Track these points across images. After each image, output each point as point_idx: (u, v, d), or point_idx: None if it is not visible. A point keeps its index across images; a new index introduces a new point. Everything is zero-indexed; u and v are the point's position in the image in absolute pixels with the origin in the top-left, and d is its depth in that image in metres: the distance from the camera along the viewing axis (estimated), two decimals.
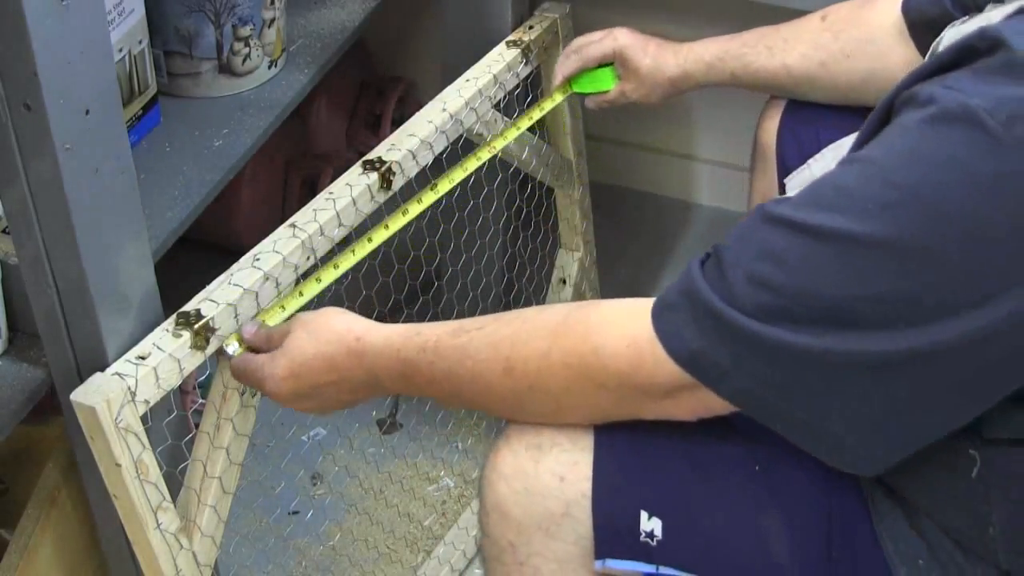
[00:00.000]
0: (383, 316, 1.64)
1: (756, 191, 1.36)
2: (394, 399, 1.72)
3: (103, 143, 0.91)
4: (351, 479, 1.61)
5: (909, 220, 0.74)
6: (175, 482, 1.06)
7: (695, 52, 1.33)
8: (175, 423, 1.07)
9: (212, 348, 1.02)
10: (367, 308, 1.33)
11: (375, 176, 1.16)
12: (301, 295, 1.08)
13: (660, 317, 0.84)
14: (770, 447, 0.88)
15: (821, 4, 1.29)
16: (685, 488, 0.93)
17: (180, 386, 1.02)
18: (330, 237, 1.12)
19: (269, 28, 1.34)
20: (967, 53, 0.77)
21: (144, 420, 0.97)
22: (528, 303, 1.68)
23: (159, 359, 0.97)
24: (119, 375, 0.95)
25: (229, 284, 1.03)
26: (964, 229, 0.73)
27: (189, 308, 1.01)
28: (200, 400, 1.37)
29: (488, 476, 0.97)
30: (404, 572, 1.51)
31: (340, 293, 1.28)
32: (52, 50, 0.83)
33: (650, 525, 0.92)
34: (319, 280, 1.10)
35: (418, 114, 1.26)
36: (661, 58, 1.35)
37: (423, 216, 1.43)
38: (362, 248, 1.14)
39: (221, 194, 1.24)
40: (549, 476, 0.93)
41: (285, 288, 1.08)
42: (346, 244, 1.18)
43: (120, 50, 1.17)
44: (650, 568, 0.93)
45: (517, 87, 1.40)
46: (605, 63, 1.40)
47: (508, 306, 1.67)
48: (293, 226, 1.10)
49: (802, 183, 1.12)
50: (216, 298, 1.02)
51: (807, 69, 1.25)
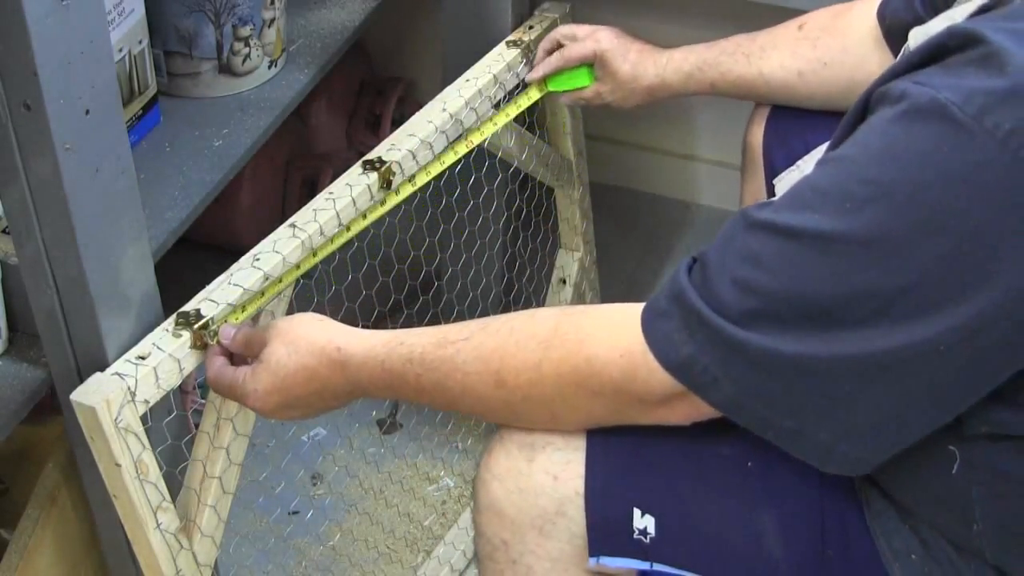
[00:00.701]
0: (383, 316, 1.64)
1: (747, 193, 1.36)
2: (393, 399, 1.72)
3: (103, 143, 0.91)
4: (351, 479, 1.61)
5: (885, 216, 0.74)
6: (175, 482, 1.06)
7: (675, 61, 1.33)
8: (175, 423, 1.07)
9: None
10: (367, 308, 1.34)
11: (375, 176, 1.16)
12: (263, 295, 1.06)
13: (651, 324, 0.84)
14: (763, 443, 0.89)
15: (820, 4, 1.29)
16: (678, 485, 0.94)
17: (180, 386, 1.02)
18: (330, 237, 1.12)
19: (269, 28, 1.34)
20: (938, 51, 0.77)
21: (144, 420, 0.97)
22: (528, 303, 1.68)
23: (159, 359, 0.97)
24: (119, 375, 0.95)
25: (229, 284, 1.03)
26: (939, 223, 0.73)
27: (189, 308, 1.01)
28: (200, 400, 1.37)
29: (482, 475, 0.97)
30: (404, 572, 1.51)
31: (340, 293, 1.28)
32: (52, 50, 0.83)
33: (643, 522, 0.93)
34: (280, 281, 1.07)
35: (418, 114, 1.26)
36: (641, 66, 1.34)
37: (423, 216, 1.43)
38: (328, 247, 1.12)
39: (221, 194, 1.24)
40: (542, 475, 0.94)
41: (285, 288, 1.08)
42: (346, 245, 1.18)
43: (120, 50, 1.17)
44: (644, 565, 0.94)
45: (517, 87, 1.40)
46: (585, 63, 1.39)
47: (508, 306, 1.67)
48: (293, 226, 1.10)
49: (790, 184, 1.12)
50: (216, 298, 1.02)
51: (785, 79, 1.26)
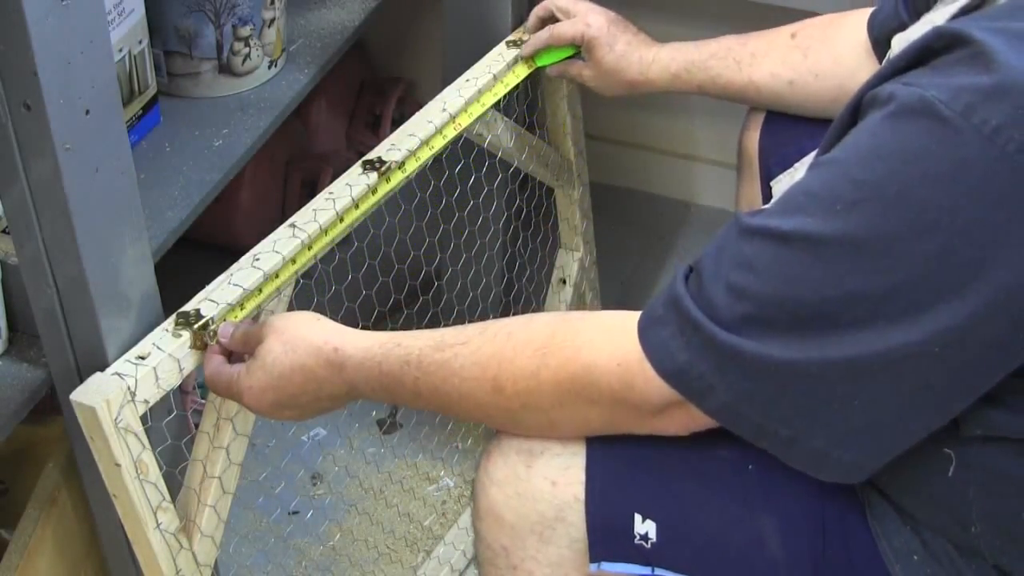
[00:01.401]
0: (383, 316, 1.64)
1: (743, 197, 1.36)
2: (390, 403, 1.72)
3: (103, 143, 0.91)
4: (351, 479, 1.61)
5: (875, 216, 0.74)
6: (175, 482, 1.06)
7: (661, 60, 1.31)
8: (175, 423, 1.07)
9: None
10: (367, 308, 1.34)
11: (375, 176, 1.16)
12: (260, 292, 1.06)
13: (647, 332, 0.84)
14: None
15: (819, 5, 1.29)
16: (678, 489, 0.93)
17: (180, 386, 1.02)
18: (330, 237, 1.12)
19: (269, 28, 1.34)
20: (925, 53, 0.77)
21: (144, 420, 0.97)
22: (528, 303, 1.68)
23: (159, 359, 0.97)
24: (119, 375, 0.95)
25: (229, 284, 1.03)
26: (929, 221, 0.73)
27: (189, 308, 1.01)
28: (200, 400, 1.37)
29: (480, 481, 0.97)
30: (404, 572, 1.51)
31: (340, 293, 1.29)
32: (52, 50, 0.83)
33: (644, 527, 0.92)
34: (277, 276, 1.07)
35: (418, 114, 1.26)
36: (625, 59, 1.32)
37: (423, 216, 1.43)
38: (323, 239, 1.11)
39: (221, 194, 1.24)
40: (541, 480, 0.93)
41: (285, 288, 1.08)
42: (346, 244, 1.18)
43: (120, 50, 1.17)
44: (646, 570, 0.93)
45: (517, 87, 1.40)
46: None
47: (508, 306, 1.67)
48: (293, 226, 1.10)
49: (785, 187, 1.12)
50: (216, 298, 1.02)
51: (775, 88, 1.25)
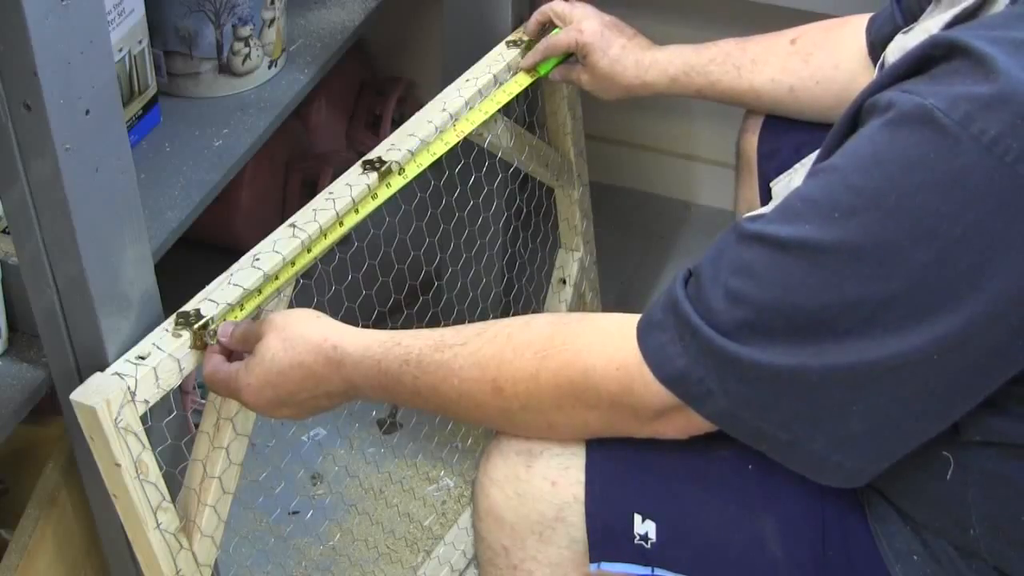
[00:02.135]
0: (383, 316, 1.64)
1: (741, 199, 1.36)
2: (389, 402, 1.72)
3: (103, 143, 0.91)
4: (351, 479, 1.61)
5: (873, 223, 0.74)
6: (175, 482, 1.06)
7: (659, 64, 1.30)
8: (175, 423, 1.07)
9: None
10: (367, 308, 1.33)
11: (375, 176, 1.16)
12: (260, 293, 1.05)
13: (646, 336, 0.85)
14: None
15: (820, 5, 1.29)
16: (678, 489, 0.94)
17: (180, 386, 1.02)
18: (330, 237, 1.12)
19: (269, 28, 1.34)
20: (923, 61, 0.77)
21: (144, 420, 0.97)
22: (528, 303, 1.68)
23: (159, 359, 0.97)
24: (119, 375, 0.95)
25: (229, 284, 1.03)
26: (928, 229, 0.73)
27: (189, 308, 1.01)
28: (200, 400, 1.37)
29: (480, 481, 0.97)
30: (404, 572, 1.51)
31: (340, 293, 1.28)
32: (52, 50, 0.83)
33: (644, 528, 0.93)
34: (277, 278, 1.07)
35: (418, 114, 1.26)
36: (620, 64, 1.31)
37: (423, 216, 1.43)
38: (322, 242, 1.11)
39: (221, 194, 1.24)
40: (541, 481, 0.94)
41: (285, 288, 1.08)
42: (347, 245, 1.18)
43: (120, 50, 1.17)
44: (645, 571, 0.94)
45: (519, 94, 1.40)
46: None
47: (508, 306, 1.67)
48: (293, 226, 1.10)
49: (788, 187, 1.12)
50: (216, 298, 1.02)
51: (775, 94, 1.25)
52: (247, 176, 1.71)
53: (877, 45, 1.17)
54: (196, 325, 0.99)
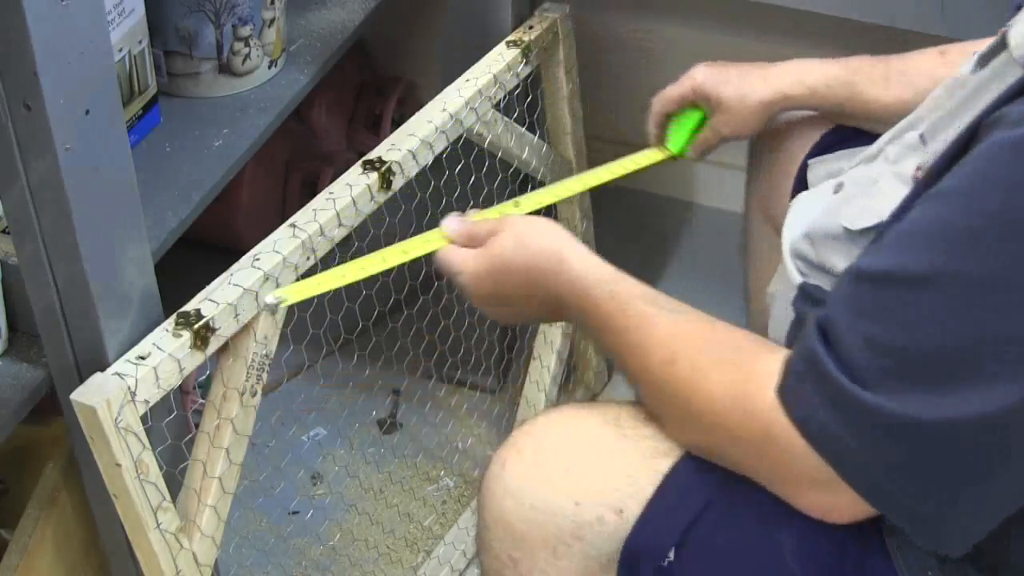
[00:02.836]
0: (383, 316, 1.64)
1: (755, 200, 1.33)
2: (394, 399, 1.73)
3: (103, 143, 0.91)
4: (351, 479, 1.61)
5: (1009, 250, 0.71)
6: (175, 482, 1.06)
7: (792, 74, 1.22)
8: (175, 423, 1.07)
9: (212, 348, 1.02)
10: (367, 308, 1.33)
11: (375, 176, 1.16)
12: (517, 205, 1.14)
13: (791, 394, 0.81)
14: None
15: (820, 5, 1.29)
16: (698, 508, 0.91)
17: (180, 386, 1.02)
18: (330, 237, 1.12)
19: (269, 28, 1.34)
20: None
21: (144, 420, 0.97)
22: None
23: (159, 359, 0.97)
24: (119, 375, 0.95)
25: (229, 284, 1.03)
26: None
27: (189, 308, 1.01)
28: (200, 400, 1.37)
29: (491, 488, 0.95)
30: (404, 572, 1.51)
31: (340, 293, 1.28)
32: (52, 50, 0.83)
33: (670, 554, 0.91)
34: (517, 204, 1.16)
35: (418, 114, 1.26)
36: (746, 82, 1.23)
37: (423, 216, 1.43)
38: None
39: (221, 194, 1.24)
40: (564, 498, 0.91)
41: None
42: (347, 245, 1.18)
43: (120, 50, 1.17)
44: None
45: (517, 87, 1.40)
46: (688, 106, 1.30)
47: None
48: (293, 226, 1.10)
49: (808, 201, 1.10)
50: (216, 298, 1.02)
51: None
52: (247, 176, 1.71)
53: None
54: (196, 325, 0.99)
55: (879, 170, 0.99)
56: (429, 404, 1.70)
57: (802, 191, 1.18)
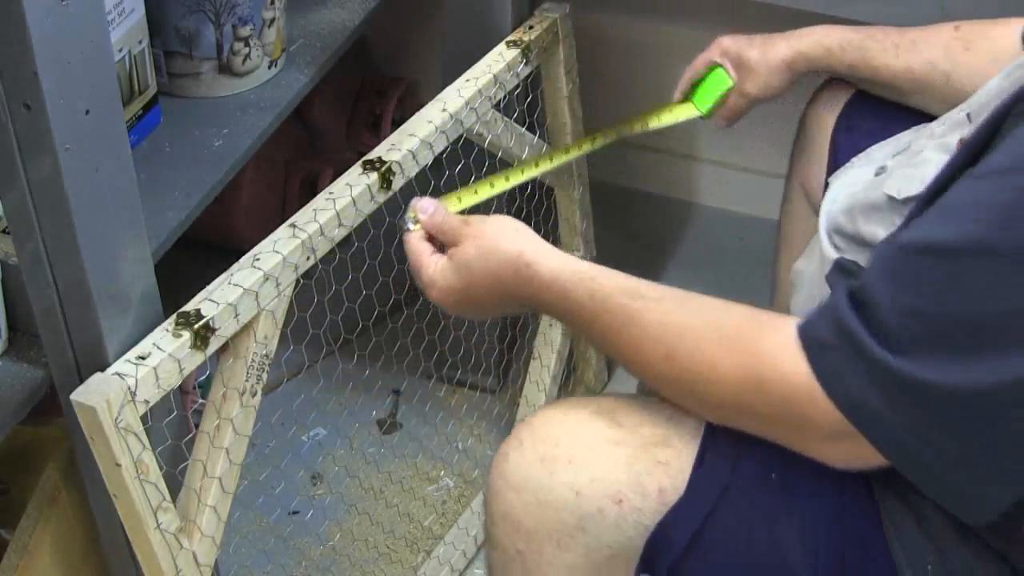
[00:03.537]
0: (383, 316, 1.64)
1: (798, 173, 1.35)
2: (394, 399, 1.73)
3: (103, 143, 0.91)
4: (351, 479, 1.61)
5: None
6: (175, 482, 1.06)
7: (811, 36, 1.28)
8: (175, 423, 1.07)
9: (212, 348, 1.02)
10: (367, 308, 1.34)
11: (375, 176, 1.16)
12: (476, 194, 1.15)
13: (819, 357, 0.82)
14: (784, 455, 0.88)
15: (820, 5, 1.29)
16: (703, 503, 0.92)
17: (180, 386, 1.02)
18: (330, 237, 1.12)
19: (269, 28, 1.34)
20: None
21: (144, 420, 0.97)
22: None
23: (159, 359, 0.97)
24: (119, 375, 0.95)
25: (229, 284, 1.03)
26: None
27: (189, 308, 1.01)
28: (200, 400, 1.37)
29: (495, 484, 0.96)
30: (404, 572, 1.51)
31: (340, 293, 1.28)
32: (52, 50, 0.83)
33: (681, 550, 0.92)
34: (492, 185, 1.17)
35: (418, 114, 1.26)
36: (770, 46, 1.30)
37: None
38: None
39: (221, 194, 1.24)
40: (564, 489, 0.93)
41: (285, 288, 1.08)
42: (347, 245, 1.18)
43: (120, 50, 1.17)
44: None
45: (517, 87, 1.40)
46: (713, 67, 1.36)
47: None
48: (293, 226, 1.10)
49: (847, 183, 1.12)
50: (216, 298, 1.02)
51: (931, 78, 1.21)
52: (247, 176, 1.71)
53: None
54: (196, 325, 0.99)
55: (924, 143, 1.01)
56: (429, 404, 1.70)
57: (837, 168, 1.21)
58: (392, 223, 1.33)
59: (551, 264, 0.96)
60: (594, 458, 0.93)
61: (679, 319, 0.90)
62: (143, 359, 0.97)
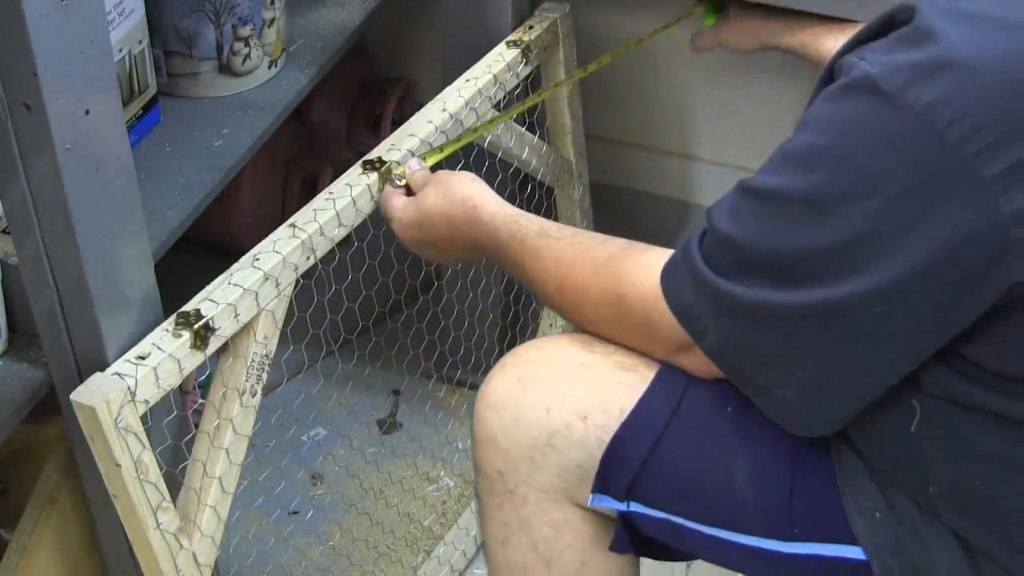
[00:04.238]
0: (383, 316, 1.64)
1: None
2: (394, 399, 1.73)
3: (103, 143, 0.91)
4: (351, 479, 1.61)
5: (824, 179, 0.81)
6: (175, 482, 1.06)
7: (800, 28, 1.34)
8: (175, 423, 1.07)
9: (212, 348, 1.02)
10: (367, 308, 1.34)
11: (375, 176, 1.17)
12: (459, 141, 1.24)
13: (667, 273, 0.93)
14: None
15: (820, 5, 1.29)
16: (658, 427, 0.97)
17: (180, 386, 1.02)
18: (330, 237, 1.12)
19: (269, 28, 1.34)
20: (888, 23, 0.82)
21: (144, 420, 0.97)
22: (528, 303, 1.68)
23: (159, 359, 0.97)
24: (119, 375, 0.95)
25: (229, 284, 1.03)
26: (867, 187, 0.79)
27: (189, 308, 1.01)
28: (200, 400, 1.37)
29: (478, 409, 1.02)
30: (404, 572, 1.51)
31: (340, 293, 1.28)
32: (52, 50, 0.83)
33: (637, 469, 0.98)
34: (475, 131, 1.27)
35: (418, 114, 1.26)
36: (765, 17, 1.36)
37: None
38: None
39: (221, 194, 1.24)
40: (536, 406, 0.99)
41: (285, 288, 1.08)
42: (347, 245, 1.18)
43: (120, 50, 1.17)
44: (621, 505, 0.98)
45: (517, 87, 1.40)
46: None
47: (508, 306, 1.67)
48: (293, 226, 1.10)
49: None
50: (216, 298, 1.02)
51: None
52: (247, 176, 1.71)
53: None
54: (196, 325, 0.99)
55: None
56: (429, 404, 1.70)
57: None
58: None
59: (491, 208, 1.08)
60: (565, 378, 1.00)
61: (569, 253, 1.01)
62: (143, 359, 0.97)
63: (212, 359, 1.04)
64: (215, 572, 1.12)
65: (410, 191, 1.17)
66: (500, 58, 1.36)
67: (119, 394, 0.94)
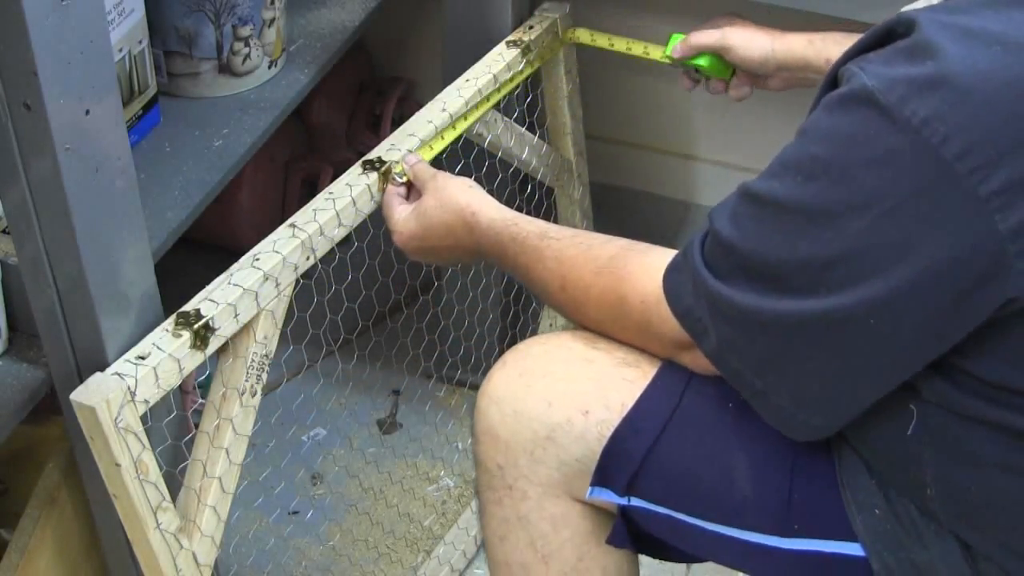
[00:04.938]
0: (383, 316, 1.64)
1: None
2: (394, 399, 1.73)
3: (103, 143, 0.91)
4: (351, 479, 1.61)
5: (822, 190, 0.81)
6: (175, 482, 1.06)
7: (794, 31, 1.32)
8: (175, 423, 1.07)
9: (212, 348, 1.02)
10: (367, 308, 1.34)
11: (375, 176, 1.17)
12: (455, 128, 1.26)
13: (669, 275, 0.94)
14: None
15: (821, 6, 1.29)
16: (660, 421, 0.98)
17: (180, 386, 1.02)
18: (330, 237, 1.12)
19: (269, 28, 1.34)
20: (887, 35, 0.82)
21: (144, 420, 0.97)
22: (528, 303, 1.68)
23: (159, 359, 0.97)
24: (119, 375, 0.95)
25: (229, 284, 1.03)
26: (863, 200, 0.78)
27: (189, 308, 1.01)
28: (200, 400, 1.37)
29: (479, 403, 1.03)
30: (404, 572, 1.51)
31: (340, 293, 1.28)
32: (52, 50, 0.83)
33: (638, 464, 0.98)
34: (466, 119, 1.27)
35: (418, 114, 1.26)
36: (759, 30, 1.33)
37: None
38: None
39: (221, 194, 1.24)
40: (538, 400, 0.99)
41: (285, 288, 1.08)
42: (347, 245, 1.18)
43: (120, 50, 1.17)
44: (622, 500, 0.99)
45: (517, 87, 1.40)
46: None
47: (508, 306, 1.67)
48: (293, 226, 1.10)
49: None
50: (216, 298, 1.02)
51: None
52: (247, 176, 1.71)
53: None
54: (196, 325, 0.99)
55: None
56: (429, 404, 1.70)
57: None
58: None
59: (490, 214, 1.10)
60: (568, 373, 1.00)
61: (571, 253, 1.02)
62: (143, 359, 0.97)
63: (212, 359, 1.04)
64: (215, 572, 1.12)
65: (411, 187, 1.17)
66: (500, 58, 1.36)
67: (119, 394, 0.94)
